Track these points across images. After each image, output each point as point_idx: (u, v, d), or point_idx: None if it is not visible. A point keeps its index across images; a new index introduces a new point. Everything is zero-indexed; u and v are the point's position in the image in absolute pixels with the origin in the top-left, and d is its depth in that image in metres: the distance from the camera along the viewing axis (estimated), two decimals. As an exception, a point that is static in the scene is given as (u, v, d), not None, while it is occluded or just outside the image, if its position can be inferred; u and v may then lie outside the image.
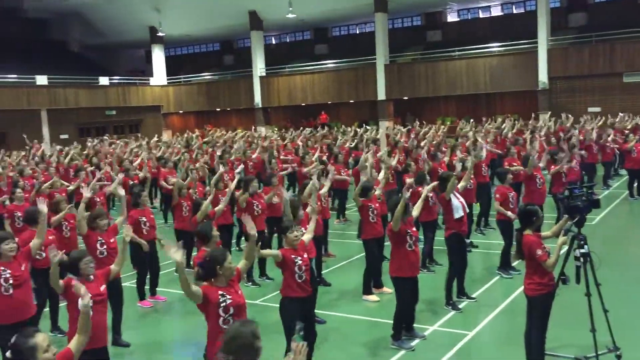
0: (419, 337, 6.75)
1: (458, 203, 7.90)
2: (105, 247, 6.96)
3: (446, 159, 12.73)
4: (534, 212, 5.72)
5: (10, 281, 5.57)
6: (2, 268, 5.57)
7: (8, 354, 3.23)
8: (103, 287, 5.21)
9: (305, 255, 5.84)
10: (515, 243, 5.77)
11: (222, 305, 4.40)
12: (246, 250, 5.00)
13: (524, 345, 5.81)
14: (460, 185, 8.57)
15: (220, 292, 4.42)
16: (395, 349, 6.49)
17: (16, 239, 5.93)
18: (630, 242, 10.88)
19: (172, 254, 4.30)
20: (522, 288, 5.91)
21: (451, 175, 8.15)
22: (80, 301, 3.75)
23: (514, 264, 8.58)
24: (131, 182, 12.30)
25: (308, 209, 7.19)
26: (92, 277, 5.15)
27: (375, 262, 8.28)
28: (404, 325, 6.68)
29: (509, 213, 8.58)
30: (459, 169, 8.99)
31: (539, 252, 5.46)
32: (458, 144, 14.64)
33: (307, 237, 6.17)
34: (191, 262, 9.92)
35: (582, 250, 5.60)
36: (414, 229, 6.72)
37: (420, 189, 8.72)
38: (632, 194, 14.17)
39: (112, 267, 5.64)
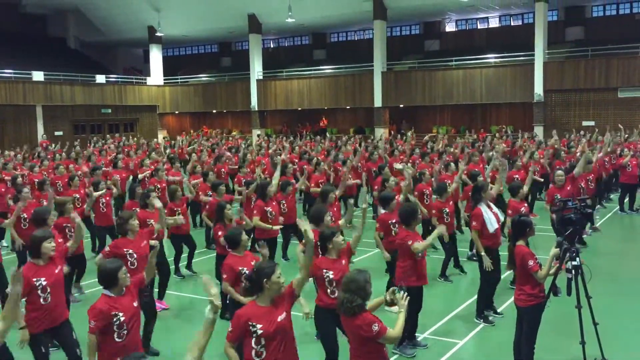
0: (421, 347, 6.71)
1: (491, 215, 7.42)
2: (135, 257, 6.38)
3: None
4: (528, 224, 5.76)
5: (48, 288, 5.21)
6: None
7: None
8: (136, 303, 4.71)
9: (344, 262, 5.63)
10: (508, 253, 5.80)
11: (254, 335, 4.10)
12: (303, 261, 4.62)
13: (512, 355, 5.84)
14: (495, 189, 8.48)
15: (250, 323, 4.08)
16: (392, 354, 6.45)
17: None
18: (620, 255, 10.94)
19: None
20: (512, 298, 5.94)
21: (487, 185, 7.83)
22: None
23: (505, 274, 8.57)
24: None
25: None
26: (124, 290, 4.65)
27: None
28: (405, 334, 6.55)
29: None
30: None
31: (531, 262, 5.49)
32: (469, 152, 14.11)
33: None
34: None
35: (574, 263, 5.63)
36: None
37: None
38: (622, 209, 14.25)
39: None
